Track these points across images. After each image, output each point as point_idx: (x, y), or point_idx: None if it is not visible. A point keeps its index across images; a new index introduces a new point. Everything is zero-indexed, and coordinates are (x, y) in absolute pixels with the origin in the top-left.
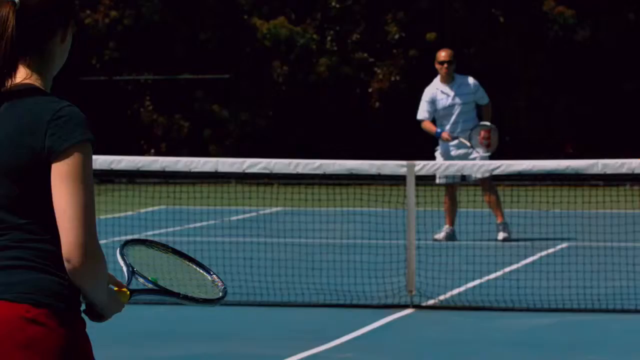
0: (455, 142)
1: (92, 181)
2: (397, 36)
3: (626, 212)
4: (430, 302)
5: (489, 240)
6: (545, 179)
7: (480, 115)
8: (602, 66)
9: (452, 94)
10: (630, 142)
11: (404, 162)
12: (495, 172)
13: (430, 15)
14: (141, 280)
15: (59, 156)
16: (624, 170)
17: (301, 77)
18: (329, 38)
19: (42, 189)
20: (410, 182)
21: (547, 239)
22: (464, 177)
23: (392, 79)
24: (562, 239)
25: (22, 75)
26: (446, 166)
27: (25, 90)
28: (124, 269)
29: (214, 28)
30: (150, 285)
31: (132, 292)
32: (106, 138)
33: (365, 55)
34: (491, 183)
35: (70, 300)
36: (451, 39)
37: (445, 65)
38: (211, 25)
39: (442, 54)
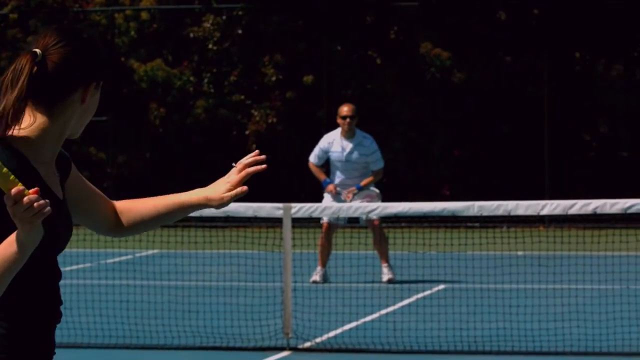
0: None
1: None
2: (274, 78)
3: (502, 253)
4: (307, 344)
5: (365, 282)
6: (421, 221)
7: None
8: (478, 108)
9: (348, 149)
10: (506, 183)
11: (280, 205)
12: (372, 215)
13: (308, 58)
14: None
15: None
16: (500, 212)
17: (178, 119)
18: (205, 80)
19: None
20: (287, 224)
21: (423, 281)
22: (350, 220)
23: (269, 121)
24: (439, 281)
25: (25, 123)
26: (322, 208)
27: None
28: None
29: None
30: None
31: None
32: None
33: (242, 97)
34: (381, 226)
35: (10, 350)
36: (328, 80)
37: (348, 120)
38: None
39: (345, 109)
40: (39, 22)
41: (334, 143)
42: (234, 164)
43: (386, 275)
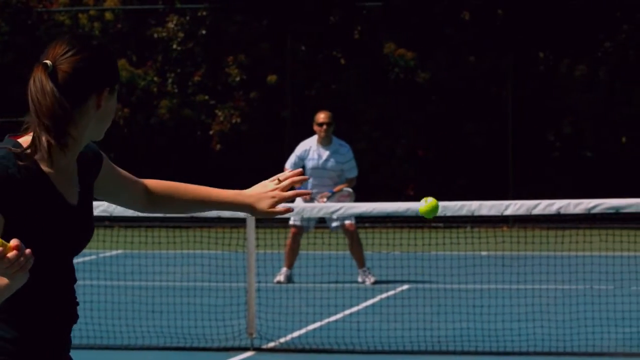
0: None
1: None
2: (238, 78)
3: (466, 253)
4: (271, 344)
5: (329, 282)
6: (385, 221)
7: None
8: (442, 108)
9: (324, 157)
10: (471, 183)
11: None
12: (336, 215)
13: (272, 58)
14: None
15: None
16: (463, 212)
17: (142, 119)
18: (169, 80)
19: None
20: (250, 224)
21: (387, 281)
22: (321, 221)
23: (233, 121)
24: (403, 281)
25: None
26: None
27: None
28: None
29: None
30: None
31: None
32: None
33: (206, 97)
34: (356, 229)
35: (18, 356)
36: (292, 81)
37: (324, 127)
38: None
39: (321, 116)
40: (2, 22)
41: (310, 150)
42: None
43: (370, 278)
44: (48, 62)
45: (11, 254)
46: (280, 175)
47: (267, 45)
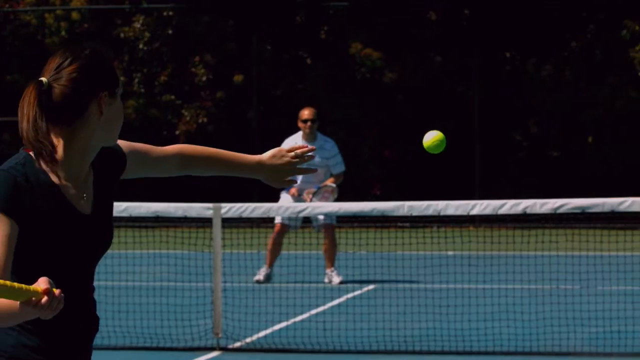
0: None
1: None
2: (204, 78)
3: (432, 253)
4: (237, 344)
5: (295, 282)
6: (351, 221)
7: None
8: (409, 107)
9: None
10: (437, 183)
11: (210, 205)
12: (302, 214)
13: (238, 58)
14: None
15: None
16: (430, 212)
17: None
18: (136, 80)
19: None
20: (217, 224)
21: (353, 281)
22: (305, 221)
23: (200, 120)
24: (369, 281)
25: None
26: (252, 208)
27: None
28: None
29: (22, 69)
30: None
31: None
32: None
33: (173, 97)
34: (334, 230)
35: (18, 353)
36: (258, 80)
37: (309, 123)
38: (19, 66)
39: (306, 113)
40: None
41: None
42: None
43: (337, 277)
44: (44, 79)
45: (44, 301)
46: (294, 147)
47: (234, 45)
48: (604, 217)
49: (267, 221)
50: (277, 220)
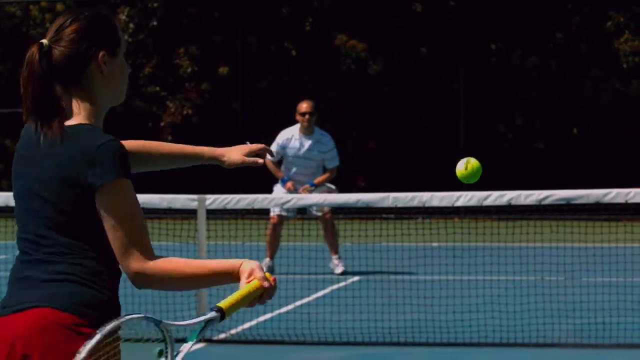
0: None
1: (136, 211)
2: (189, 70)
3: (417, 245)
4: (222, 336)
5: (279, 274)
6: (336, 212)
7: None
8: (394, 99)
9: (305, 146)
10: (422, 175)
11: (194, 196)
12: (286, 206)
13: (223, 50)
14: None
15: (98, 192)
16: (414, 204)
17: None
18: None
19: (87, 215)
20: (201, 215)
21: (338, 273)
22: (300, 212)
23: (185, 112)
24: (354, 272)
25: (74, 109)
26: (237, 200)
27: (72, 126)
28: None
29: (5, 60)
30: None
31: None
32: None
33: (158, 88)
34: (332, 218)
35: (110, 315)
36: (243, 72)
37: (307, 116)
38: (3, 58)
39: (304, 106)
40: None
41: (292, 139)
42: (247, 142)
43: (339, 267)
44: (44, 41)
45: (270, 292)
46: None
47: (219, 37)
48: (589, 209)
49: (251, 213)
50: (274, 211)
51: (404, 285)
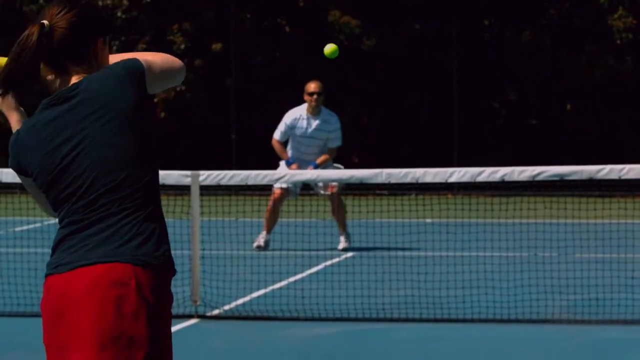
0: None
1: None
2: (183, 46)
3: (410, 221)
4: (215, 312)
5: (273, 250)
6: None
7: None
8: (388, 76)
9: (313, 126)
10: (415, 151)
11: (188, 172)
12: (280, 182)
13: (216, 26)
14: None
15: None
16: (408, 180)
17: None
18: (114, 48)
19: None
20: (195, 192)
21: (332, 249)
22: (305, 187)
23: (178, 89)
24: (347, 249)
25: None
26: (230, 176)
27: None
28: None
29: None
30: None
31: None
32: None
33: None
34: (339, 194)
35: (170, 261)
36: (237, 48)
37: (315, 96)
38: None
39: (312, 86)
40: None
41: (299, 119)
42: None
43: (342, 243)
44: (45, 22)
45: None
46: None
47: (212, 13)
48: (582, 185)
49: (245, 189)
50: (277, 185)
51: (398, 262)
